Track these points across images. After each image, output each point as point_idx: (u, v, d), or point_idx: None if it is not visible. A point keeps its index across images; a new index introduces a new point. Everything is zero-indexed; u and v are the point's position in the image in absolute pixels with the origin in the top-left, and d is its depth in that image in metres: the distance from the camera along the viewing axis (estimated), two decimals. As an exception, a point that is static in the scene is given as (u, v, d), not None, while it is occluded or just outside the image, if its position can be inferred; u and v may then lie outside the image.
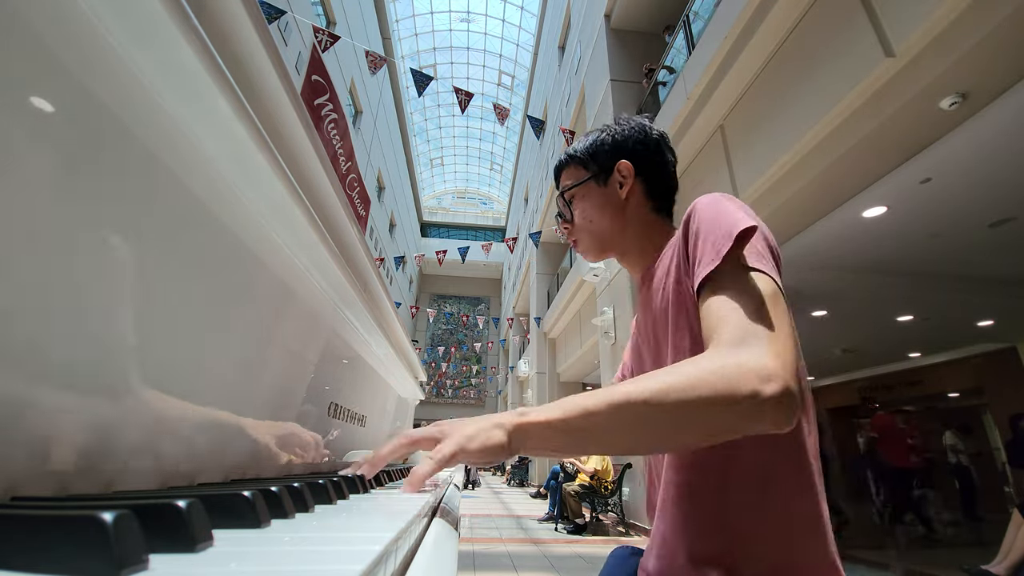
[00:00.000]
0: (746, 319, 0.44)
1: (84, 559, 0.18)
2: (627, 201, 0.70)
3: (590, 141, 0.74)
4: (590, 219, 0.71)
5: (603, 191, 0.71)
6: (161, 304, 0.40)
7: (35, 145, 0.29)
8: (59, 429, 0.31)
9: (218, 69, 0.37)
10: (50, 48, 0.29)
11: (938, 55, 2.31)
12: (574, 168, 0.75)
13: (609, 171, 0.71)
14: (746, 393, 0.38)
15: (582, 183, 0.72)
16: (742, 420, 0.39)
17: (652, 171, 0.71)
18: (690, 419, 0.40)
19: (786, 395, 0.39)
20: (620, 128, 0.73)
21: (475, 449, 0.42)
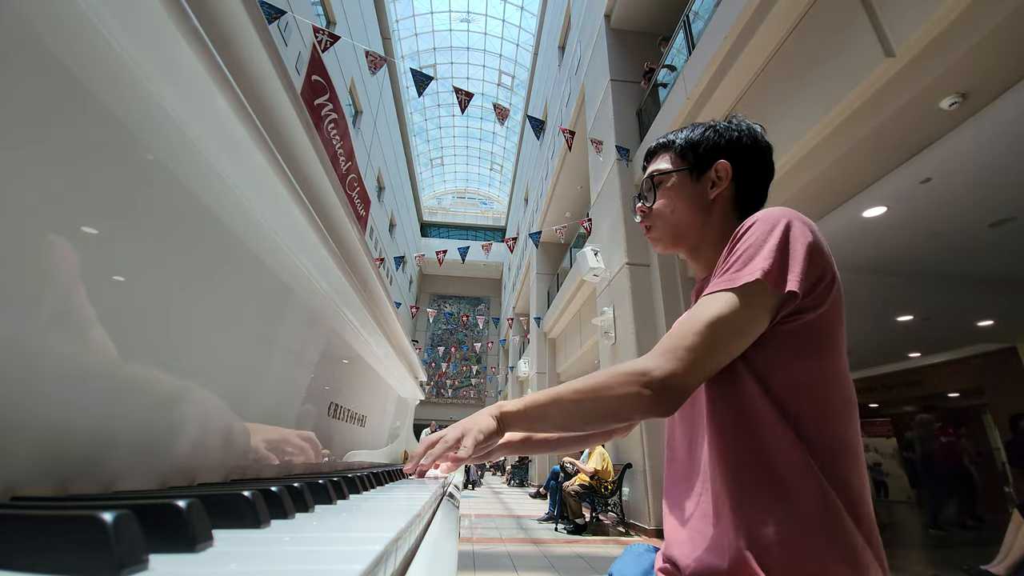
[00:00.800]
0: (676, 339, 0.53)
1: (84, 559, 0.18)
2: (714, 202, 0.69)
3: (696, 134, 0.72)
4: (672, 209, 0.70)
5: (693, 186, 0.70)
6: (161, 304, 0.40)
7: (35, 145, 0.29)
8: (59, 429, 0.31)
9: (218, 69, 0.37)
10: (50, 48, 0.29)
11: (938, 55, 2.31)
12: (670, 155, 0.73)
13: (705, 168, 0.70)
14: (631, 393, 0.52)
15: (673, 171, 0.71)
16: (631, 411, 0.53)
17: (748, 178, 0.70)
18: (598, 409, 0.55)
19: (666, 389, 0.51)
20: (727, 126, 0.72)
21: (478, 431, 0.60)
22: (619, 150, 5.61)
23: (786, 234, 0.54)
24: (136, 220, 0.37)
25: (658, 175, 0.72)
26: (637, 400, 0.52)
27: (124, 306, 0.36)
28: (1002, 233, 3.82)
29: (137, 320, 0.38)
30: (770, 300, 0.52)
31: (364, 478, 0.63)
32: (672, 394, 0.51)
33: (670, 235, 0.72)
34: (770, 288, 0.52)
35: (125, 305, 0.36)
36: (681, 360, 0.51)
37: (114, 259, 0.35)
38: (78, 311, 0.32)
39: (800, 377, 0.54)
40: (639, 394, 0.52)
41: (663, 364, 0.52)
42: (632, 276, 5.18)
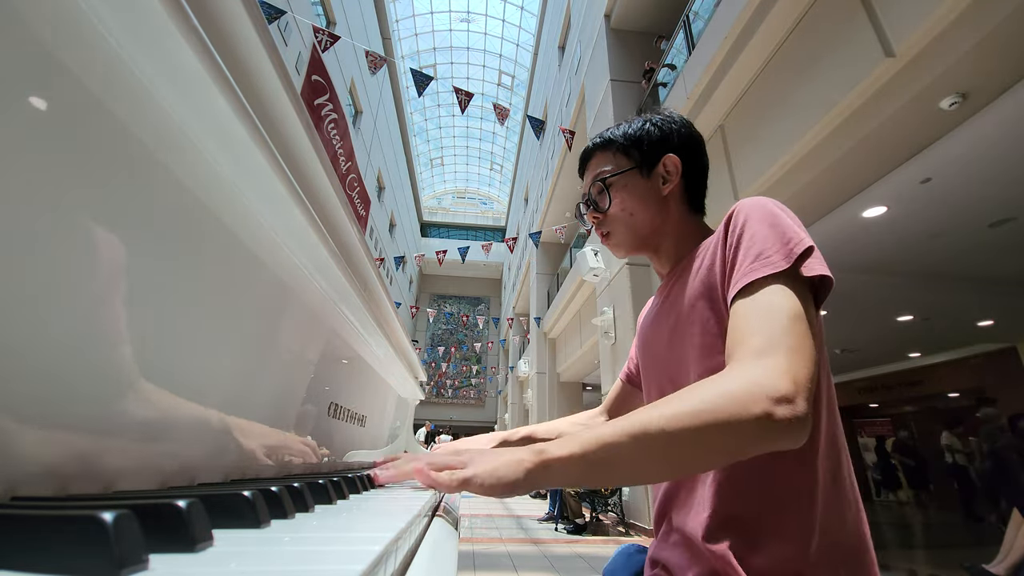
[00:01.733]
0: (769, 336, 0.44)
1: (84, 559, 0.18)
2: (667, 198, 0.67)
3: (634, 128, 0.69)
4: (631, 211, 0.67)
5: (645, 183, 0.67)
6: (161, 304, 0.40)
7: (35, 145, 0.29)
8: (59, 429, 0.31)
9: (218, 69, 0.37)
10: (50, 48, 0.29)
11: (938, 55, 2.31)
12: (612, 155, 0.69)
13: (653, 163, 0.67)
14: (757, 415, 0.39)
15: (624, 172, 0.67)
16: (755, 442, 0.40)
17: (694, 170, 0.69)
18: (707, 444, 0.40)
19: (796, 418, 0.39)
20: (665, 119, 0.69)
21: (489, 485, 0.43)
22: (619, 150, 5.60)
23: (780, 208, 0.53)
24: (135, 220, 0.37)
25: (608, 177, 0.68)
26: (764, 427, 0.39)
27: (124, 306, 0.36)
28: (1002, 233, 3.82)
29: (137, 320, 0.38)
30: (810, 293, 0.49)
31: (364, 478, 0.63)
32: (807, 421, 0.40)
33: (632, 239, 0.69)
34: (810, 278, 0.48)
35: (125, 305, 0.36)
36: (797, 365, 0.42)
37: (114, 259, 0.35)
38: (77, 311, 0.32)
39: None
40: (768, 417, 0.39)
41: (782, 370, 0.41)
42: (632, 276, 5.19)
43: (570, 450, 0.42)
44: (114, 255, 0.35)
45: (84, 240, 0.32)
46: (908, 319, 6.34)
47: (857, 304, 5.68)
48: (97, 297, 0.34)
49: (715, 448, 0.41)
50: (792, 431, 0.40)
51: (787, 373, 0.41)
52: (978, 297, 5.24)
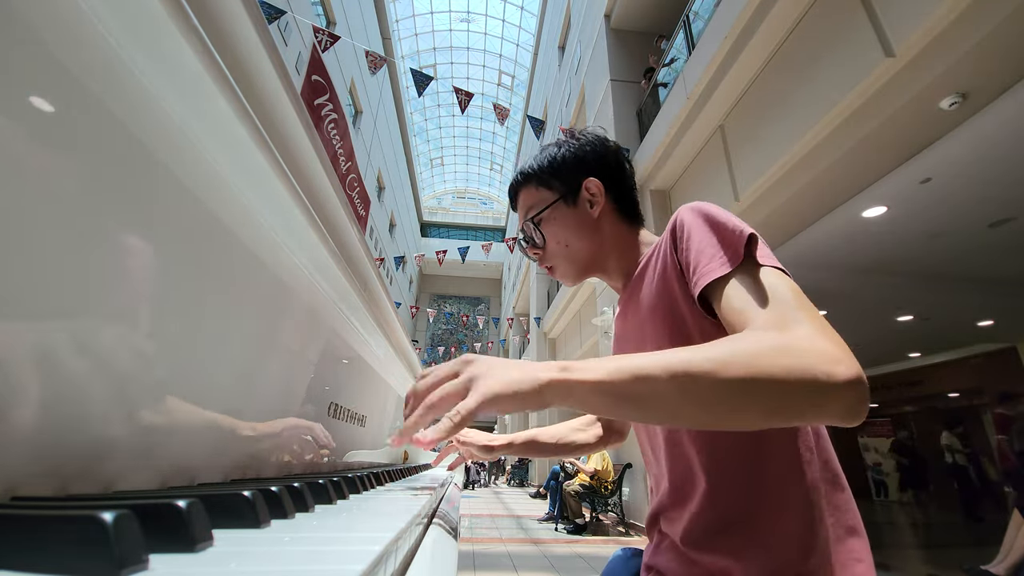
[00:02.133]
0: (787, 305, 0.41)
1: (84, 559, 0.18)
2: (599, 219, 0.67)
3: (548, 157, 0.69)
4: (566, 243, 0.67)
5: (574, 212, 0.67)
6: (161, 304, 0.40)
7: (35, 145, 0.29)
8: (59, 429, 0.31)
9: (218, 69, 0.37)
10: (50, 49, 0.29)
11: (938, 55, 2.31)
12: (536, 189, 0.69)
13: (576, 190, 0.67)
14: (822, 375, 0.34)
15: (550, 206, 0.67)
16: (814, 403, 0.35)
17: (617, 185, 0.68)
18: (756, 395, 0.35)
19: (860, 382, 0.35)
20: (578, 143, 0.69)
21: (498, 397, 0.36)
22: (619, 150, 5.60)
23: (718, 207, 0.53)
24: (136, 220, 0.37)
25: (536, 214, 0.68)
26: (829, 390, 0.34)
27: (124, 306, 0.36)
28: (1002, 233, 3.82)
29: (137, 320, 0.38)
30: None
31: (364, 478, 0.63)
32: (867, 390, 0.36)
33: (575, 269, 0.70)
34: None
35: (125, 305, 0.36)
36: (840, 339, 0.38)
37: (114, 259, 0.35)
38: (78, 311, 0.32)
39: None
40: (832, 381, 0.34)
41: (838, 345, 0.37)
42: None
43: (598, 375, 0.37)
44: (114, 255, 0.35)
45: (84, 240, 0.32)
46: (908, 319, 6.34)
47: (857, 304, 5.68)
48: (97, 297, 0.34)
49: (760, 402, 0.35)
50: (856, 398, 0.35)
51: (839, 343, 0.37)
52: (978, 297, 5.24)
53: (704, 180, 4.40)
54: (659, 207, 5.20)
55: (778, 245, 4.15)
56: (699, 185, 4.50)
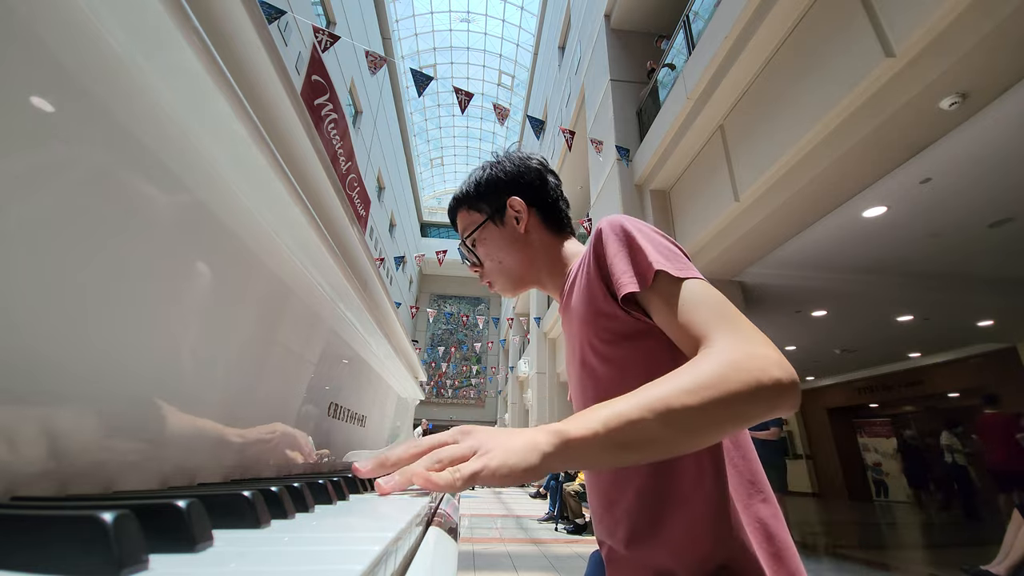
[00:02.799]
0: (724, 317, 0.46)
1: (84, 559, 0.18)
2: (527, 234, 0.72)
3: (473, 181, 0.74)
4: (499, 260, 0.73)
5: (502, 230, 0.72)
6: (161, 304, 0.40)
7: (35, 146, 0.29)
8: (59, 429, 0.31)
9: (218, 69, 0.37)
10: (50, 49, 0.29)
11: (938, 55, 2.31)
12: (467, 212, 0.75)
13: (502, 209, 0.72)
14: (770, 382, 0.41)
15: (480, 226, 0.73)
16: (769, 406, 0.41)
17: (541, 200, 0.73)
18: (726, 413, 0.41)
19: (795, 379, 0.42)
20: (501, 166, 0.74)
21: (501, 476, 0.37)
22: (619, 150, 5.61)
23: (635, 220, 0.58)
24: (135, 220, 0.37)
25: (468, 235, 0.75)
26: (776, 392, 0.40)
27: (124, 306, 0.36)
28: (1002, 233, 3.82)
29: (137, 320, 0.38)
30: None
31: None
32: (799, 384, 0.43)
33: (510, 283, 0.75)
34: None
35: (125, 305, 0.36)
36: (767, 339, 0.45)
37: (114, 259, 0.35)
38: (78, 311, 0.32)
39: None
40: (777, 384, 0.40)
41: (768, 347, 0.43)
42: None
43: (593, 429, 0.40)
44: (113, 255, 0.35)
45: (83, 240, 0.32)
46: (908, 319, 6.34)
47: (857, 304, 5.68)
48: (97, 297, 0.34)
49: (729, 418, 0.41)
50: (795, 394, 0.42)
51: (767, 343, 0.44)
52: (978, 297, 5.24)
53: (704, 180, 4.40)
54: (659, 207, 5.20)
55: (778, 245, 4.15)
56: (699, 185, 4.50)
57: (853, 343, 7.84)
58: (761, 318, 6.01)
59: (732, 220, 3.98)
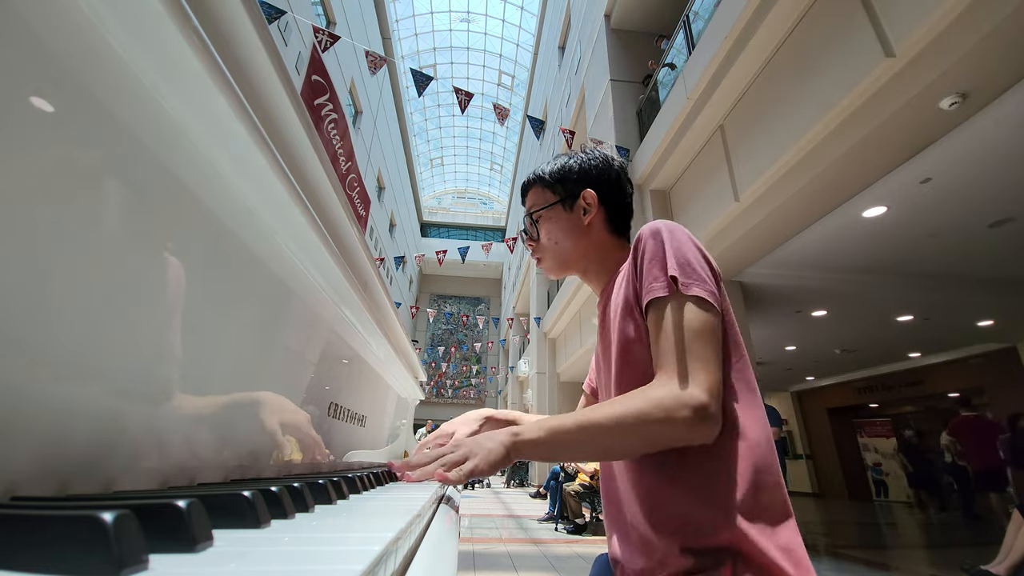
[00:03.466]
0: (682, 354, 0.55)
1: (84, 559, 0.18)
2: (589, 226, 0.76)
3: (558, 166, 0.79)
4: (555, 240, 0.78)
5: (568, 216, 0.77)
6: (161, 304, 0.40)
7: (35, 145, 0.29)
8: (59, 429, 0.31)
9: (218, 69, 0.37)
10: (50, 49, 0.29)
11: (938, 55, 2.31)
12: (541, 189, 0.80)
13: (575, 197, 0.77)
14: (680, 419, 0.52)
15: (549, 206, 0.78)
16: (676, 438, 0.54)
17: (612, 200, 0.77)
18: (637, 441, 0.55)
19: (709, 419, 0.53)
20: (586, 157, 0.79)
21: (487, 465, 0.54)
22: (619, 150, 5.61)
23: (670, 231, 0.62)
24: (135, 220, 0.37)
25: (536, 211, 0.79)
26: (684, 428, 0.52)
27: (124, 306, 0.36)
28: (1002, 233, 3.82)
29: (137, 320, 0.38)
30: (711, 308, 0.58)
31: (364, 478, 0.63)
32: (716, 418, 0.53)
33: (558, 263, 0.80)
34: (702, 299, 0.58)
35: (125, 305, 0.36)
36: (708, 379, 0.54)
37: (114, 259, 0.35)
38: (78, 311, 0.32)
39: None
40: (686, 421, 0.52)
41: (696, 384, 0.53)
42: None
43: (536, 435, 0.56)
44: (113, 255, 0.35)
45: (84, 240, 0.32)
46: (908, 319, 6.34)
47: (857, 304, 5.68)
48: (97, 297, 0.34)
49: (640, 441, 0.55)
50: (704, 431, 0.53)
51: (701, 385, 0.53)
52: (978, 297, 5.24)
53: (704, 180, 4.40)
54: (659, 207, 5.20)
55: (778, 245, 4.15)
56: (699, 185, 4.50)
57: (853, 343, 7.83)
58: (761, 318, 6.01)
59: (732, 220, 3.98)
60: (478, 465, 0.54)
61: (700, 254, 0.61)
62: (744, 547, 0.52)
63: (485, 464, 0.54)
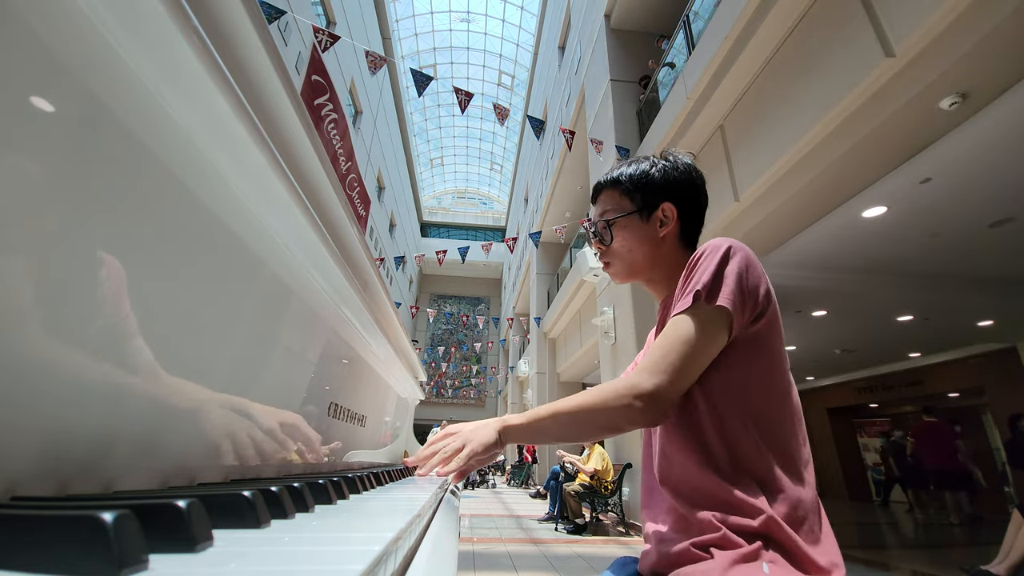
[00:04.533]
0: (658, 357, 0.60)
1: (84, 559, 0.18)
2: (663, 239, 0.76)
3: (639, 172, 0.77)
4: (628, 249, 0.77)
5: (644, 226, 0.76)
6: (161, 304, 0.40)
7: (36, 145, 0.29)
8: (59, 429, 0.31)
9: (218, 70, 0.37)
10: (51, 49, 0.29)
11: (938, 55, 2.31)
12: (618, 194, 0.78)
13: (653, 208, 0.75)
14: (632, 405, 0.59)
15: (626, 215, 0.77)
16: (629, 420, 0.61)
17: (691, 215, 0.77)
18: (594, 421, 0.62)
19: (656, 401, 0.59)
20: (668, 166, 0.77)
21: (482, 450, 0.63)
22: (619, 150, 5.61)
23: (725, 259, 0.63)
24: (135, 220, 0.37)
25: (613, 219, 0.78)
26: (628, 412, 0.59)
27: (124, 306, 0.36)
28: (1002, 233, 3.82)
29: (137, 320, 0.38)
30: (724, 318, 0.60)
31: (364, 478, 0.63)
32: (660, 404, 0.59)
33: (627, 271, 0.80)
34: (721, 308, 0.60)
35: (125, 305, 0.36)
36: (665, 373, 0.59)
37: (114, 259, 0.35)
38: (78, 311, 0.32)
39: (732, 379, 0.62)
40: (630, 406, 0.59)
41: (650, 378, 0.60)
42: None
43: (519, 421, 0.65)
44: (113, 255, 0.35)
45: (83, 240, 0.32)
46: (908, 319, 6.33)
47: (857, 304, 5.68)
48: (97, 297, 0.34)
49: (598, 424, 0.62)
50: (645, 417, 0.60)
51: (656, 379, 0.59)
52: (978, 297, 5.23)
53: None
54: (659, 207, 5.20)
55: (778, 245, 4.15)
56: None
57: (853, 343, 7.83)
58: (761, 318, 6.00)
59: (732, 220, 3.98)
60: (475, 449, 0.61)
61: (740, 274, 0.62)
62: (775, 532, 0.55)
63: (480, 447, 0.62)
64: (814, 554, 0.55)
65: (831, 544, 0.58)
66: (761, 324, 0.62)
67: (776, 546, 0.55)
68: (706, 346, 0.60)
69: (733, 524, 0.56)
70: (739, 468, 0.60)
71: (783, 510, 0.57)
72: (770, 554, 0.54)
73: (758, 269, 0.64)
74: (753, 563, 0.53)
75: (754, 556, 0.54)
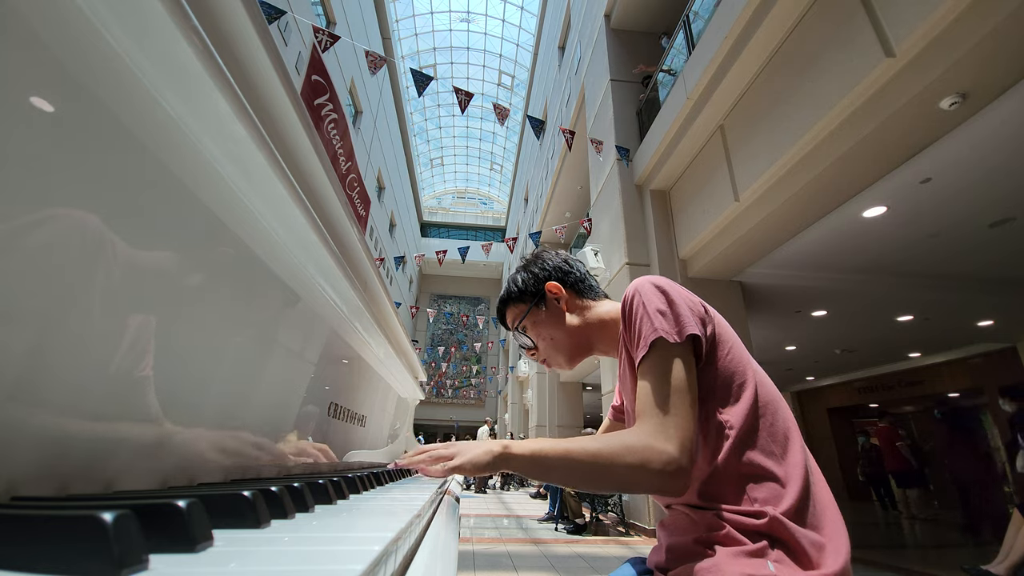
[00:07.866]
0: (658, 410, 0.59)
1: (84, 559, 0.18)
2: (569, 311, 0.83)
3: (513, 283, 0.87)
4: (550, 336, 0.83)
5: (547, 312, 0.83)
6: (161, 305, 0.40)
7: (36, 145, 0.29)
8: (59, 429, 0.31)
9: (218, 70, 0.37)
10: (51, 49, 0.29)
11: (938, 55, 2.31)
12: (513, 306, 0.87)
13: (543, 295, 0.83)
14: (653, 471, 0.56)
15: (528, 313, 0.84)
16: (647, 486, 0.57)
17: (569, 279, 0.85)
18: (610, 476, 0.58)
19: (679, 473, 0.56)
20: (530, 263, 0.87)
21: (470, 468, 0.61)
22: (619, 150, 5.61)
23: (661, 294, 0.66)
24: (136, 220, 0.37)
25: (519, 324, 0.85)
26: (657, 478, 0.56)
27: (124, 306, 0.36)
28: (1002, 233, 3.82)
29: (137, 320, 0.38)
30: (689, 348, 0.63)
31: (364, 478, 0.63)
32: (688, 474, 0.57)
33: (566, 356, 0.84)
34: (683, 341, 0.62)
35: (125, 305, 0.36)
36: (681, 435, 0.58)
37: (114, 259, 0.35)
38: (79, 312, 0.32)
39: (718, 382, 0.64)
40: (661, 472, 0.56)
41: (672, 444, 0.57)
42: (632, 276, 5.18)
43: (523, 452, 0.61)
44: (113, 255, 0.35)
45: (84, 240, 0.32)
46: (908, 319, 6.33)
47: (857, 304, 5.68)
48: (97, 297, 0.34)
49: (613, 480, 0.58)
50: (675, 484, 0.56)
51: (675, 442, 0.57)
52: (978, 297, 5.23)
53: (704, 180, 4.39)
54: (659, 207, 5.20)
55: (778, 245, 4.15)
56: (699, 185, 4.50)
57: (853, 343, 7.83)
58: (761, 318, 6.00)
59: (732, 220, 3.98)
60: (463, 464, 0.60)
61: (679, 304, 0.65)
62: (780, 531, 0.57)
63: (469, 465, 0.60)
64: (820, 554, 0.56)
65: (840, 544, 0.59)
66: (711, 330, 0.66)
67: (781, 545, 0.56)
68: (693, 383, 0.62)
69: (738, 523, 0.58)
70: (743, 467, 0.61)
71: (788, 509, 0.58)
72: (776, 553, 0.56)
73: (683, 289, 0.68)
74: (758, 560, 0.55)
75: (759, 554, 0.55)
